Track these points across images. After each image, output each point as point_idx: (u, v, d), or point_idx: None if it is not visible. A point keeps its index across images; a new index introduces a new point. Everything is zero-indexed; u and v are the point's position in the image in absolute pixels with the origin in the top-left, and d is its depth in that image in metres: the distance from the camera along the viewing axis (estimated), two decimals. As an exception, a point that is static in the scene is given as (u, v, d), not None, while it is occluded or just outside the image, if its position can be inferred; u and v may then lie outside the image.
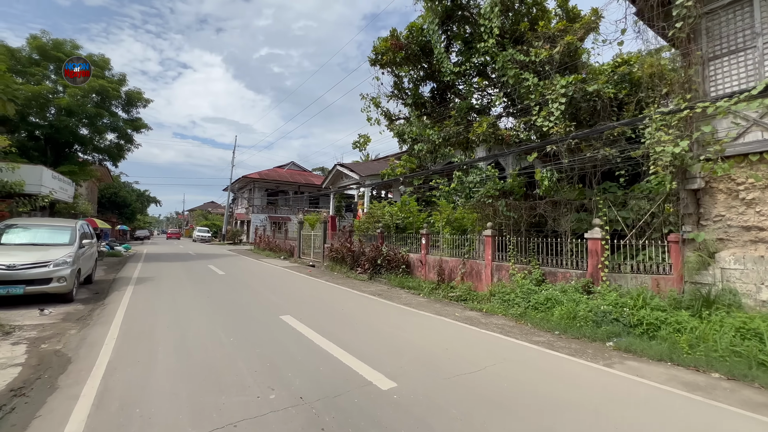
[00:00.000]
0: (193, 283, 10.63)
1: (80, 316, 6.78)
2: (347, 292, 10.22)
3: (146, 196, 58.59)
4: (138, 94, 19.71)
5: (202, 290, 9.47)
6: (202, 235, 44.45)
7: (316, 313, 7.10)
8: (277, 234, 27.17)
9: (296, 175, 46.54)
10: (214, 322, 6.20)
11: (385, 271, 13.14)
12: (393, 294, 10.18)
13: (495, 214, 9.92)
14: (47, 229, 8.90)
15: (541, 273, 8.39)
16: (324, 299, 8.85)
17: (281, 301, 8.28)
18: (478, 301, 9.09)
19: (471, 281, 10.21)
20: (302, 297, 9.04)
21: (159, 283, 10.64)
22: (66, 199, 15.40)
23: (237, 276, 12.80)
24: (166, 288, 9.70)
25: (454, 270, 10.91)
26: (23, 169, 11.85)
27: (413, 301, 9.12)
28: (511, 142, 8.19)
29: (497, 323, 6.99)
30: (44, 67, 16.23)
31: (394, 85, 11.57)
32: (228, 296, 8.69)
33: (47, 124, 16.58)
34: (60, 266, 7.73)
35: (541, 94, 7.88)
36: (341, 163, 22.37)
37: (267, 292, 9.41)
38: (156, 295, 8.75)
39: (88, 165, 19.24)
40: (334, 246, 16.90)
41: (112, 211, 43.97)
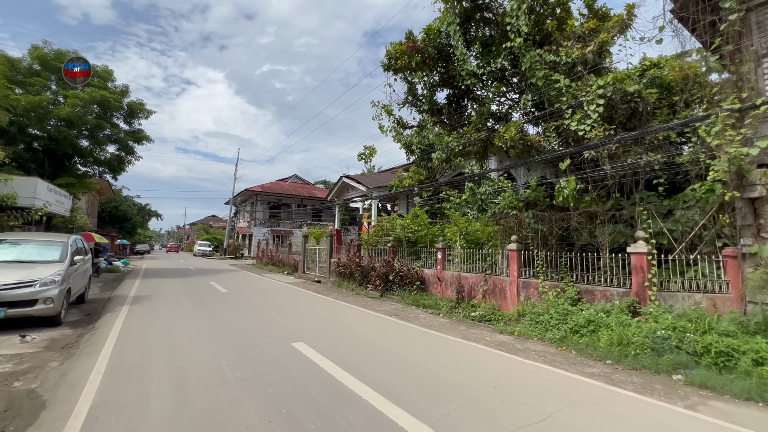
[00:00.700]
0: (194, 303, 9.84)
1: (66, 343, 6.00)
2: (361, 312, 9.42)
3: (147, 210, 58.13)
4: (140, 106, 19.29)
5: (203, 311, 8.68)
6: (203, 249, 43.67)
7: (331, 339, 6.31)
8: (280, 248, 26.40)
9: (299, 188, 46.03)
10: (217, 352, 5.42)
11: (397, 288, 12.34)
12: (410, 314, 9.37)
13: (520, 226, 9.20)
14: (36, 244, 8.19)
15: (576, 291, 7.61)
16: (337, 322, 8.05)
17: (291, 324, 7.49)
18: (505, 322, 8.29)
19: (494, 299, 9.41)
20: (313, 319, 8.24)
21: (156, 302, 9.85)
22: (63, 212, 14.75)
23: (240, 294, 12.00)
24: (163, 309, 8.92)
25: (474, 287, 10.13)
26: (16, 181, 11.22)
27: (434, 323, 8.31)
28: (540, 149, 7.54)
29: (536, 350, 6.18)
30: (45, 78, 15.82)
31: (408, 92, 11.01)
32: (231, 318, 7.91)
33: (46, 135, 16.06)
34: (47, 286, 6.99)
35: (574, 96, 7.27)
36: (347, 174, 21.79)
37: (274, 314, 8.62)
38: (152, 317, 7.97)
39: (88, 177, 18.66)
40: (341, 261, 16.13)
41: (112, 225, 43.37)
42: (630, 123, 7.19)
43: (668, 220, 7.18)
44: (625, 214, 7.71)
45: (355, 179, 20.75)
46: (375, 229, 16.23)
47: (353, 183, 20.81)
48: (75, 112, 15.44)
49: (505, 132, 7.60)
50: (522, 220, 9.13)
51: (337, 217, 23.40)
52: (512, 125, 7.47)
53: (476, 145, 9.25)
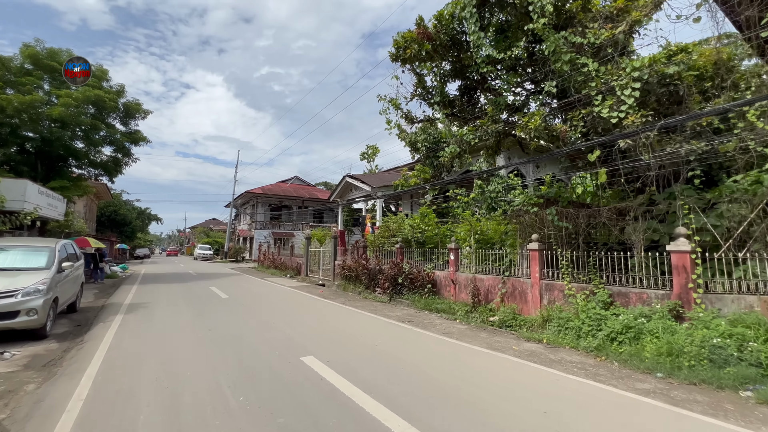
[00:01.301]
0: (193, 311, 9.21)
1: (49, 360, 5.38)
2: (371, 318, 8.79)
3: (147, 214, 57.54)
4: (137, 106, 18.70)
5: (203, 320, 8.05)
6: (203, 252, 43.06)
7: (344, 352, 5.67)
8: (282, 251, 25.78)
9: (300, 190, 45.44)
10: (218, 369, 4.79)
11: (407, 291, 11.71)
12: (424, 319, 8.74)
13: (541, 224, 8.57)
14: (21, 250, 7.57)
15: (607, 294, 6.97)
16: (348, 330, 7.42)
17: (298, 334, 6.86)
18: (529, 328, 7.67)
19: (514, 303, 8.78)
20: (321, 328, 7.61)
21: (153, 311, 9.23)
22: (56, 216, 14.15)
23: (242, 300, 11.37)
24: (160, 318, 8.30)
25: (491, 290, 9.50)
26: (4, 184, 10.63)
27: (452, 330, 7.68)
28: (566, 139, 6.91)
29: (572, 360, 5.55)
30: (38, 77, 15.23)
31: (416, 84, 10.39)
32: (234, 328, 7.28)
33: (38, 137, 15.47)
34: (30, 296, 6.37)
35: (604, 81, 6.65)
36: (351, 174, 21.18)
37: (279, 322, 7.99)
38: (147, 328, 7.34)
39: (83, 180, 18.07)
40: (346, 263, 15.51)
41: (111, 230, 42.76)
42: (667, 108, 6.57)
43: (710, 215, 6.55)
44: (659, 209, 7.08)
45: (358, 179, 20.14)
46: (381, 230, 15.60)
47: (357, 183, 20.20)
48: (68, 113, 14.85)
49: (528, 121, 6.98)
50: (543, 217, 8.50)
51: (340, 218, 22.80)
52: (536, 114, 6.85)
53: (492, 138, 8.63)
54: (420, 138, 20.40)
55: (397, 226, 15.19)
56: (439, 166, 20.31)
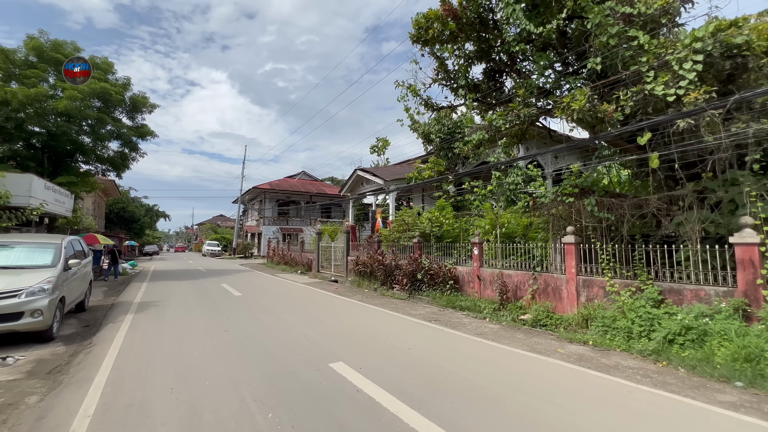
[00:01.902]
0: (205, 310, 8.76)
1: (55, 366, 4.93)
2: (395, 317, 8.26)
3: (155, 211, 57.60)
4: (143, 99, 18.26)
5: (217, 321, 7.59)
6: (211, 249, 42.93)
7: (375, 357, 5.15)
8: (292, 247, 25.37)
9: (307, 185, 44.99)
10: (239, 379, 4.29)
11: (427, 288, 11.18)
12: (450, 318, 8.20)
13: (578, 215, 7.94)
14: (25, 247, 7.15)
15: (657, 291, 6.35)
16: (374, 331, 6.90)
17: (320, 335, 6.35)
18: (566, 328, 7.10)
19: (546, 300, 8.20)
20: (344, 328, 7.10)
21: (164, 310, 8.79)
22: (63, 212, 13.79)
23: (256, 298, 10.91)
24: (171, 318, 7.85)
25: (520, 286, 8.92)
26: (9, 179, 10.24)
27: (485, 330, 7.12)
28: (612, 121, 6.26)
29: (629, 366, 4.97)
30: (42, 70, 14.82)
31: (437, 68, 9.74)
32: (251, 329, 6.80)
33: (44, 132, 15.10)
34: (35, 296, 5.93)
35: (656, 56, 5.98)
36: (362, 167, 20.62)
37: (298, 322, 7.49)
38: (158, 329, 6.89)
39: (90, 176, 17.72)
40: (360, 259, 15.00)
41: (120, 227, 42.80)
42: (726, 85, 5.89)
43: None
44: (716, 196, 6.42)
45: (370, 172, 19.57)
46: (396, 224, 15.05)
47: (368, 176, 19.62)
48: (74, 106, 14.43)
49: (570, 102, 6.33)
50: (580, 208, 7.87)
51: (351, 212, 22.28)
52: (580, 93, 6.20)
53: (523, 123, 7.99)
54: (434, 129, 19.78)
55: (412, 221, 14.63)
56: (454, 158, 19.70)
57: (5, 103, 13.39)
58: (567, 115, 6.36)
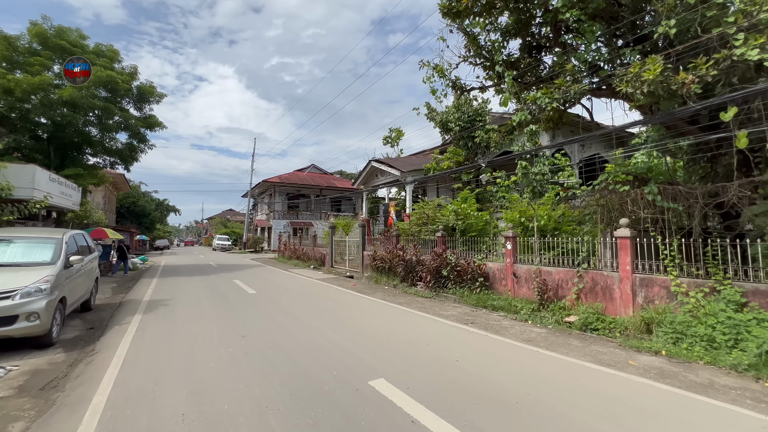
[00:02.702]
0: (219, 310, 8.09)
1: (50, 381, 4.26)
2: (427, 319, 7.49)
3: (165, 205, 57.54)
4: (151, 89, 17.62)
5: (232, 324, 6.90)
6: (221, 243, 42.65)
7: (421, 371, 4.38)
8: (303, 241, 24.74)
9: (317, 178, 44.32)
10: (263, 400, 3.56)
11: (453, 285, 10.39)
12: (486, 320, 7.41)
13: (633, 205, 7.03)
14: (23, 243, 6.51)
15: (739, 292, 5.46)
16: (409, 336, 6.13)
17: (351, 343, 5.60)
18: (622, 332, 6.28)
19: (594, 301, 7.35)
20: (375, 333, 6.35)
21: (174, 310, 8.15)
22: (70, 206, 13.26)
23: (271, 296, 10.24)
24: (182, 320, 7.17)
25: (562, 285, 8.06)
26: (11, 170, 9.66)
27: (532, 335, 6.31)
28: (689, 95, 5.33)
29: (728, 385, 4.12)
30: (47, 57, 14.21)
31: (468, 44, 8.82)
32: (270, 335, 6.08)
33: (50, 122, 14.55)
34: (31, 297, 5.29)
35: (745, 14, 5.02)
36: (377, 158, 19.77)
37: (322, 326, 6.76)
38: (168, 334, 6.21)
39: (98, 169, 17.21)
40: (377, 254, 14.25)
41: (131, 221, 42.71)
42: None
43: None
44: None
45: (386, 163, 18.72)
46: (415, 217, 14.23)
47: (384, 167, 18.78)
48: (80, 94, 13.82)
49: (638, 72, 5.40)
50: (637, 197, 6.96)
51: (365, 206, 21.49)
52: (652, 62, 5.27)
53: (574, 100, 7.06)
54: (452, 117, 18.78)
55: (432, 213, 13.79)
56: (474, 147, 18.72)
57: (8, 92, 12.84)
58: (635, 88, 5.44)
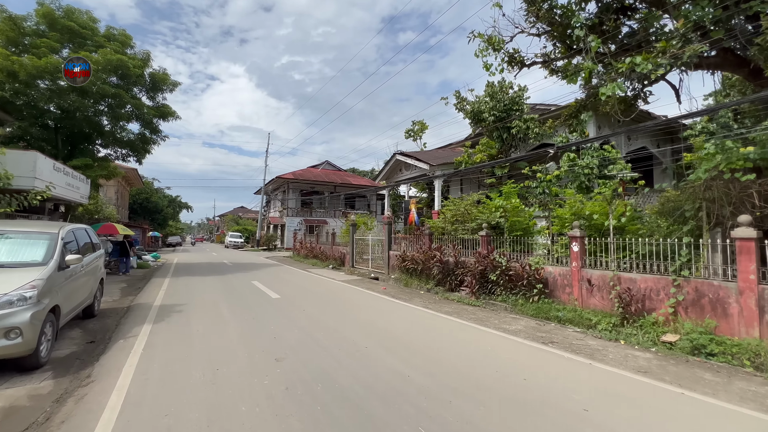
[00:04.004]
0: (241, 321, 6.89)
1: (28, 426, 3.08)
2: (493, 336, 6.18)
3: (178, 202, 57.21)
4: (164, 76, 16.60)
5: (261, 340, 5.68)
6: (234, 240, 41.91)
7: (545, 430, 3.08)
8: (321, 239, 23.60)
9: (331, 175, 43.19)
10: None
11: (502, 291, 9.07)
12: (565, 337, 6.07)
13: (761, 199, 5.60)
14: (10, 238, 5.39)
15: None
16: (491, 363, 4.83)
17: (422, 375, 4.32)
18: (753, 361, 4.88)
19: (700, 317, 5.95)
20: (445, 357, 5.06)
21: (189, 319, 6.98)
22: (78, 199, 12.28)
23: (298, 301, 9.03)
24: (199, 335, 5.97)
25: (650, 295, 6.67)
26: (10, 157, 8.65)
27: (638, 361, 4.96)
28: None
29: None
30: (54, 39, 13.25)
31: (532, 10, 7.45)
32: (312, 358, 4.83)
33: (58, 109, 13.61)
34: (12, 307, 4.15)
35: None
36: (402, 152, 18.46)
37: (372, 345, 5.50)
38: (183, 355, 5.01)
39: (109, 161, 16.28)
40: (408, 254, 12.98)
41: (144, 217, 42.25)
42: None
43: None
44: None
45: (413, 156, 17.40)
46: (450, 214, 12.90)
47: (410, 161, 17.46)
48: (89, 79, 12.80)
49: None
50: (762, 189, 5.52)
51: (387, 202, 20.22)
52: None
53: (685, 63, 5.64)
54: (486, 107, 17.35)
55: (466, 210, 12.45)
56: (509, 139, 17.27)
57: (13, 75, 11.90)
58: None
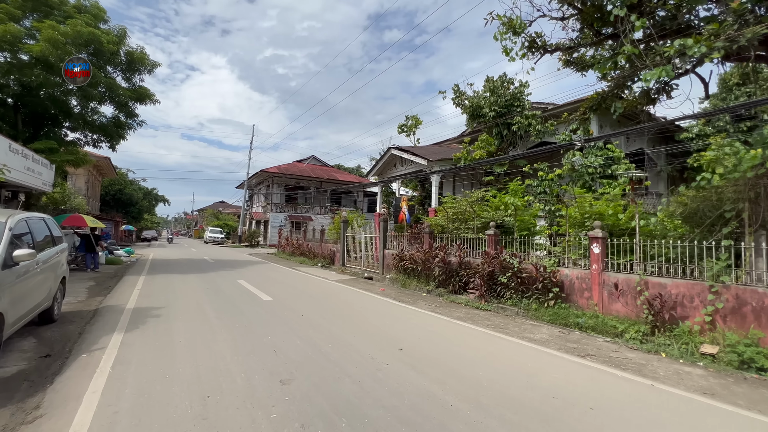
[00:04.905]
0: (233, 329, 5.95)
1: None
2: (520, 347, 5.50)
3: (154, 195, 54.55)
4: (142, 56, 15.22)
5: (260, 355, 4.79)
6: (214, 236, 40.15)
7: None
8: (308, 236, 22.57)
9: (318, 170, 42.06)
10: None
11: (513, 295, 8.48)
12: (596, 348, 5.47)
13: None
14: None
15: None
16: (538, 384, 4.12)
17: (463, 401, 3.57)
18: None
19: (741, 327, 5.46)
20: (483, 376, 4.32)
21: (170, 327, 5.98)
22: (39, 186, 10.91)
23: (294, 305, 8.11)
24: (183, 347, 5.01)
25: (683, 302, 6.15)
26: (-46, 133, 7.35)
27: (696, 379, 4.37)
28: None
29: None
30: (14, 6, 11.75)
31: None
32: (327, 382, 3.98)
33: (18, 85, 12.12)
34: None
35: None
36: (397, 146, 17.68)
37: (393, 360, 4.71)
38: (165, 375, 4.07)
39: (77, 145, 14.79)
40: (405, 253, 12.25)
41: (117, 210, 39.86)
42: None
43: None
44: None
45: (409, 151, 16.65)
46: (453, 212, 12.24)
47: (406, 155, 16.71)
48: (55, 52, 11.41)
49: None
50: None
51: (380, 199, 19.42)
52: None
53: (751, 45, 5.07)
54: (486, 102, 16.81)
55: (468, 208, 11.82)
56: (509, 136, 16.77)
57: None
58: None
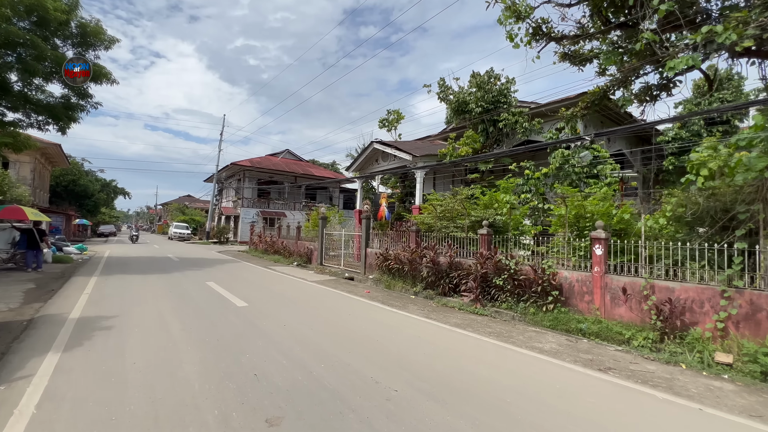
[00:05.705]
0: (202, 345, 5.00)
1: None
2: (533, 359, 4.95)
3: (113, 187, 50.82)
4: (97, 29, 13.52)
5: (235, 380, 3.92)
6: (179, 231, 37.71)
7: None
8: (282, 233, 21.39)
9: (292, 165, 40.50)
10: None
11: (509, 298, 8.03)
12: (611, 358, 5.03)
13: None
14: None
15: None
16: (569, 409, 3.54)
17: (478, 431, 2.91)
18: None
19: (757, 334, 5.20)
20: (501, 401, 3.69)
21: (121, 344, 4.95)
22: (-34, 172, 9.26)
23: (274, 312, 7.20)
24: (137, 372, 4.03)
25: (693, 307, 5.86)
26: None
27: (732, 396, 3.98)
28: None
29: None
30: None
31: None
32: (322, 413, 3.19)
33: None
34: None
35: None
36: (381, 140, 16.93)
37: (395, 380, 3.98)
38: (109, 413, 3.14)
39: (17, 126, 12.94)
40: (390, 252, 11.58)
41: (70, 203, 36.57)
42: None
43: None
44: None
45: (393, 146, 15.94)
46: (441, 210, 11.68)
47: (390, 150, 16.00)
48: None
49: None
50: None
51: (361, 195, 18.61)
52: None
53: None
54: (472, 97, 16.40)
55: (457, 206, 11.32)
56: (495, 133, 16.46)
57: None
58: None
